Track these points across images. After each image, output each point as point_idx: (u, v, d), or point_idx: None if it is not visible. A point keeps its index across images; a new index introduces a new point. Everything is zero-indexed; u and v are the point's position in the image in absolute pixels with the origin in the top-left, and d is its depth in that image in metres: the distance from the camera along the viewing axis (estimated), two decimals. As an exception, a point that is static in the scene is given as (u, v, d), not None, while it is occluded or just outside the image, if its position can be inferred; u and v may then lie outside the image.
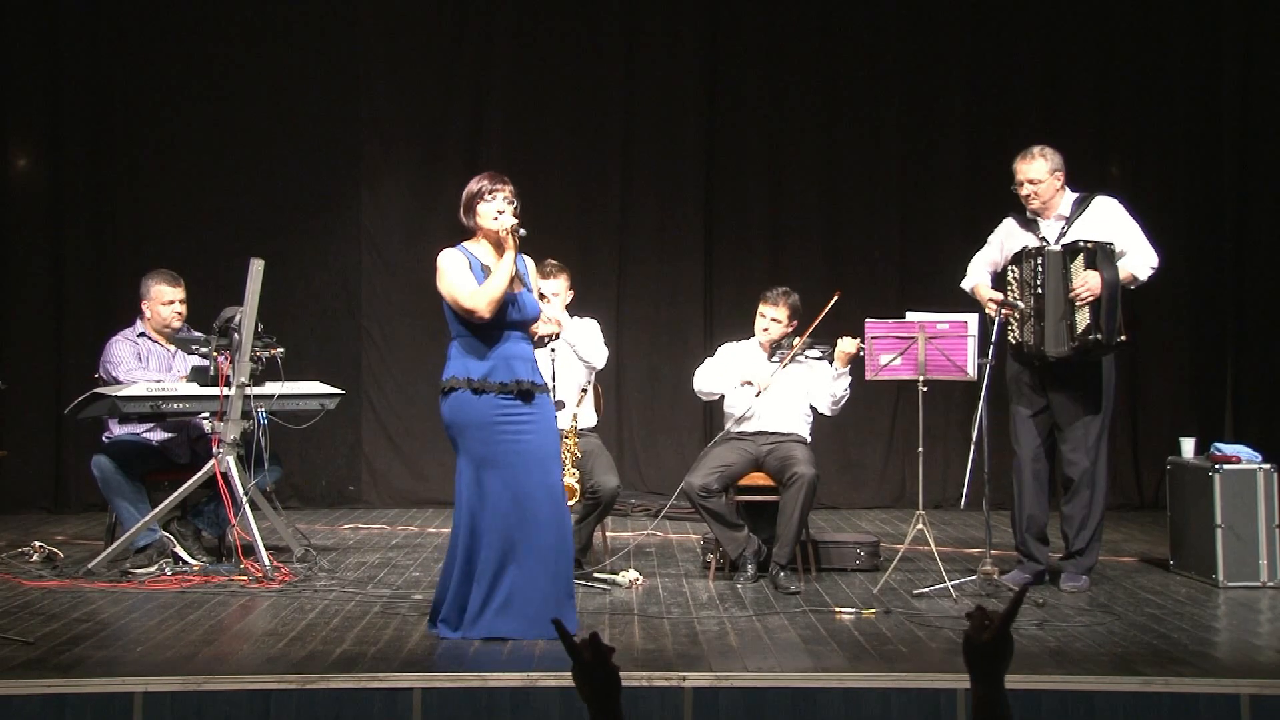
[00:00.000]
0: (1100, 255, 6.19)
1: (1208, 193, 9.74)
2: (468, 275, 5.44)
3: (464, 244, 5.55)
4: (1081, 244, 6.22)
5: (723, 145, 9.76)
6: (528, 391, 5.40)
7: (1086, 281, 6.16)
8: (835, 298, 6.63)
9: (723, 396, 6.88)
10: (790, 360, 6.73)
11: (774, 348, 6.78)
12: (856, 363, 6.63)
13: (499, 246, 5.47)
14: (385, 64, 9.68)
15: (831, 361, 6.69)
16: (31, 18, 9.37)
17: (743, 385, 6.76)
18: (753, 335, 6.89)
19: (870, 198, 9.75)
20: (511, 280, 5.42)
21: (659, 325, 9.66)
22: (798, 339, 6.75)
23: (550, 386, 5.61)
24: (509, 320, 5.43)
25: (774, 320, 6.78)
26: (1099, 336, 6.18)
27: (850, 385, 6.74)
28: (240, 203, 9.40)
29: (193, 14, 9.51)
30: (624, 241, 9.70)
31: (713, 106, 9.75)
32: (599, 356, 6.83)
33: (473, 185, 5.51)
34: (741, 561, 6.53)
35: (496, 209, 5.43)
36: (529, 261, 5.67)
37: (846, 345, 6.59)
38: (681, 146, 9.75)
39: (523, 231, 5.41)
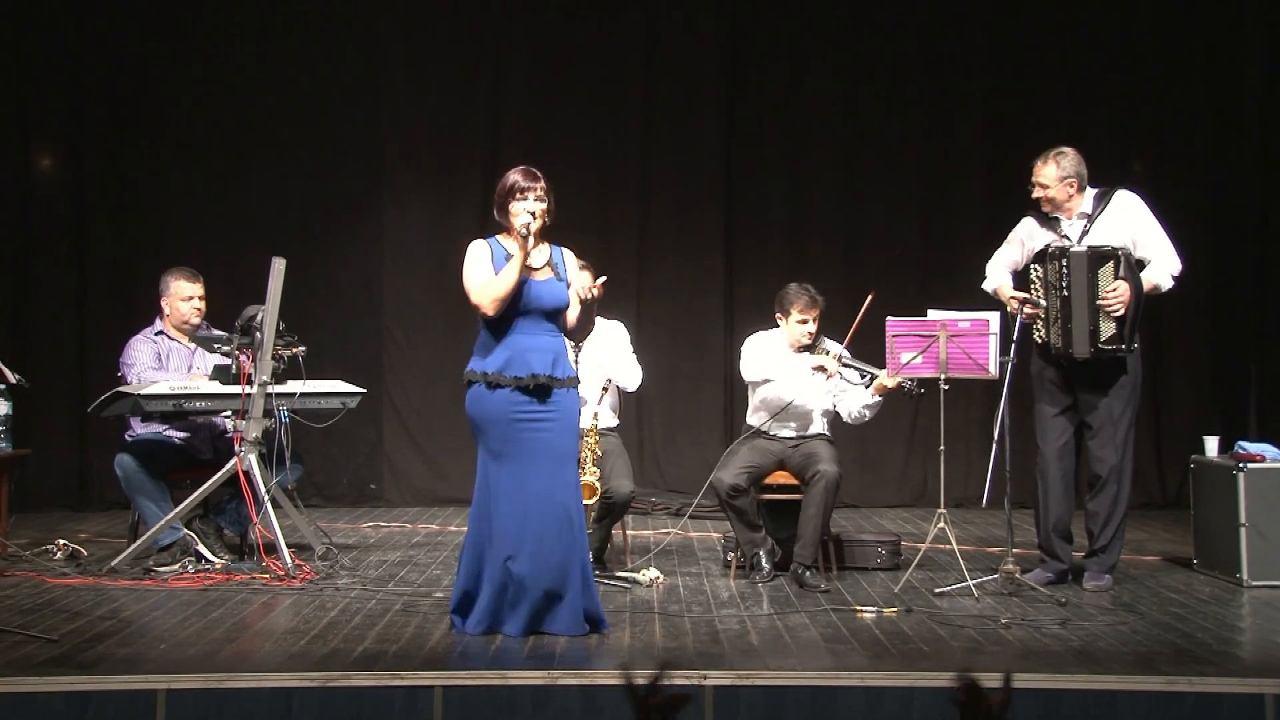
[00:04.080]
0: (1126, 263, 6.16)
1: (1230, 189, 9.71)
2: (484, 268, 5.43)
3: (496, 236, 5.52)
4: (1109, 249, 6.19)
5: (743, 141, 9.76)
6: (544, 386, 5.35)
7: (1119, 293, 6.14)
8: (870, 298, 6.47)
9: (751, 388, 6.81)
10: (829, 374, 6.63)
11: (802, 350, 6.71)
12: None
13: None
14: (405, 64, 9.71)
15: (867, 386, 6.60)
16: (55, 19, 9.42)
17: (814, 370, 6.59)
18: (770, 326, 6.80)
19: (891, 195, 9.74)
20: (531, 271, 5.41)
21: (679, 322, 9.67)
22: (831, 347, 6.66)
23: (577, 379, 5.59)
24: (526, 308, 5.39)
25: (814, 322, 6.65)
26: (1122, 347, 6.18)
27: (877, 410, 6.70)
28: (262, 202, 9.45)
29: (214, 16, 9.55)
30: (644, 238, 9.71)
31: (733, 102, 9.75)
32: (633, 379, 6.80)
33: (506, 181, 5.47)
34: (757, 560, 6.52)
35: (526, 209, 5.41)
36: (566, 253, 5.61)
37: (887, 381, 6.48)
38: (702, 141, 9.75)
39: (525, 232, 5.36)
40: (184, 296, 7.09)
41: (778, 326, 6.77)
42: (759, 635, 5.39)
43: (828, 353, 6.65)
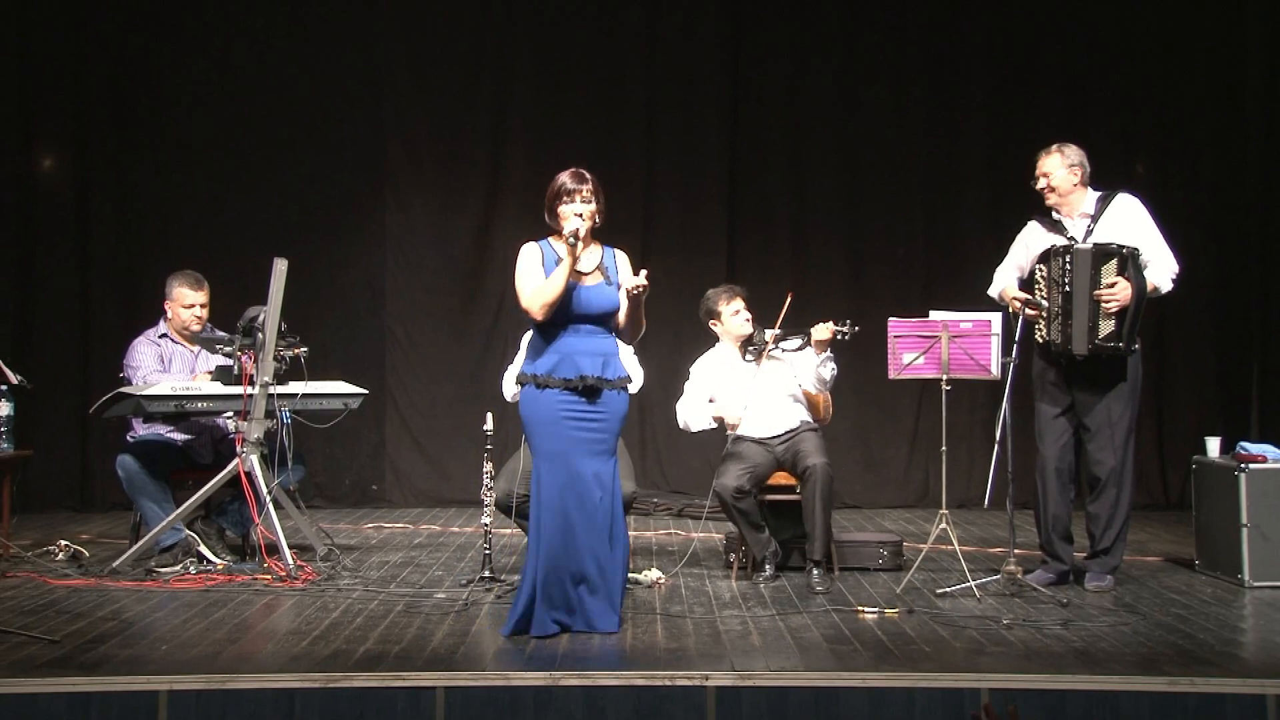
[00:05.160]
0: (1132, 262, 6.17)
1: (1233, 189, 9.71)
2: (534, 271, 5.47)
3: (548, 238, 5.56)
4: (1115, 247, 6.19)
5: (744, 141, 9.77)
6: (592, 388, 5.41)
7: (1116, 291, 6.14)
8: (789, 299, 6.60)
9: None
10: (767, 356, 6.69)
11: (745, 347, 6.75)
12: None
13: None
14: (407, 65, 9.72)
15: (807, 345, 6.64)
16: (57, 20, 9.43)
17: (714, 421, 6.73)
18: (713, 346, 6.89)
19: (892, 195, 9.75)
20: (580, 276, 5.46)
21: (681, 322, 9.64)
22: (768, 334, 6.71)
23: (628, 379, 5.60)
24: (575, 314, 5.45)
25: (745, 308, 6.77)
26: (1120, 345, 6.18)
27: (834, 364, 6.69)
28: (265, 203, 9.46)
29: (216, 17, 9.57)
30: (646, 238, 9.71)
31: (734, 103, 9.76)
32: (634, 381, 6.80)
33: (555, 183, 5.52)
34: (762, 561, 6.52)
35: (575, 211, 5.45)
36: (620, 255, 5.65)
37: (821, 333, 6.52)
38: (703, 142, 9.77)
39: (574, 240, 5.39)
40: (186, 304, 7.08)
41: (717, 341, 6.88)
42: (761, 636, 5.39)
43: (765, 340, 6.67)
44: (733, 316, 6.79)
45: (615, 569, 5.45)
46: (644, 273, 5.46)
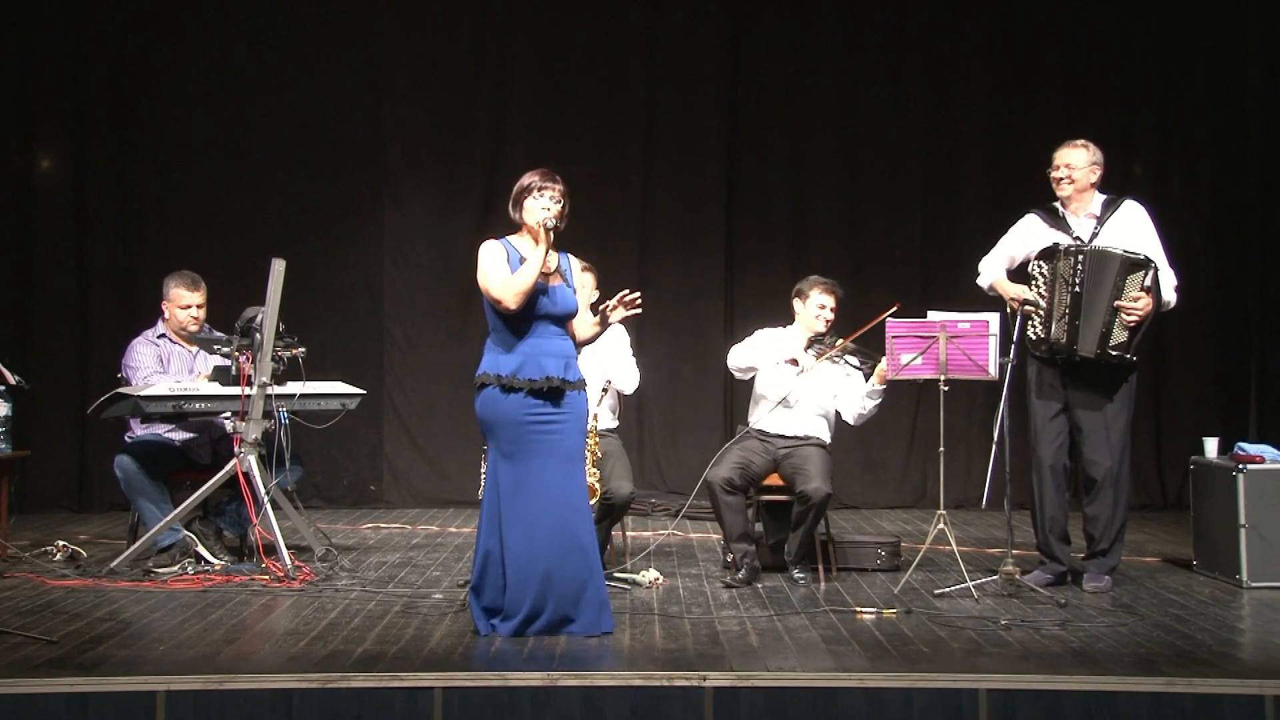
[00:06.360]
0: (1154, 278, 6.18)
1: (1233, 189, 9.72)
2: (503, 266, 5.44)
3: (508, 237, 5.55)
4: (1144, 259, 6.20)
5: (744, 142, 9.77)
6: (557, 389, 5.39)
7: (1140, 305, 6.16)
8: (893, 309, 6.46)
9: (754, 380, 6.81)
10: (828, 357, 6.66)
11: (813, 341, 6.71)
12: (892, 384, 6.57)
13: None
14: (406, 65, 9.72)
15: (868, 376, 6.60)
16: (57, 20, 9.43)
17: (786, 362, 6.64)
18: (788, 324, 6.80)
19: (892, 195, 9.75)
20: (547, 274, 5.46)
21: (680, 325, 9.67)
22: (840, 339, 6.66)
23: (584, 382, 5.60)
24: (540, 313, 5.43)
25: (832, 309, 6.69)
26: (1128, 355, 6.19)
27: (879, 406, 6.66)
28: (264, 203, 9.46)
29: (216, 17, 9.57)
30: (644, 238, 9.72)
31: (734, 103, 9.76)
32: (630, 382, 6.78)
33: (524, 180, 5.51)
34: (740, 565, 6.47)
35: (543, 205, 5.45)
36: (573, 259, 5.67)
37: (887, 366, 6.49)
38: (703, 142, 9.77)
39: (552, 224, 5.42)
40: (182, 304, 7.07)
41: (792, 322, 6.78)
42: (759, 636, 5.38)
43: (833, 343, 6.62)
44: (816, 308, 6.68)
45: (578, 576, 5.39)
46: (636, 295, 5.54)
